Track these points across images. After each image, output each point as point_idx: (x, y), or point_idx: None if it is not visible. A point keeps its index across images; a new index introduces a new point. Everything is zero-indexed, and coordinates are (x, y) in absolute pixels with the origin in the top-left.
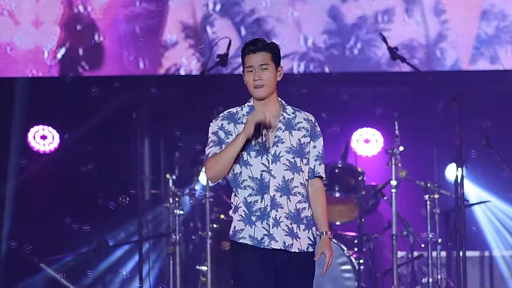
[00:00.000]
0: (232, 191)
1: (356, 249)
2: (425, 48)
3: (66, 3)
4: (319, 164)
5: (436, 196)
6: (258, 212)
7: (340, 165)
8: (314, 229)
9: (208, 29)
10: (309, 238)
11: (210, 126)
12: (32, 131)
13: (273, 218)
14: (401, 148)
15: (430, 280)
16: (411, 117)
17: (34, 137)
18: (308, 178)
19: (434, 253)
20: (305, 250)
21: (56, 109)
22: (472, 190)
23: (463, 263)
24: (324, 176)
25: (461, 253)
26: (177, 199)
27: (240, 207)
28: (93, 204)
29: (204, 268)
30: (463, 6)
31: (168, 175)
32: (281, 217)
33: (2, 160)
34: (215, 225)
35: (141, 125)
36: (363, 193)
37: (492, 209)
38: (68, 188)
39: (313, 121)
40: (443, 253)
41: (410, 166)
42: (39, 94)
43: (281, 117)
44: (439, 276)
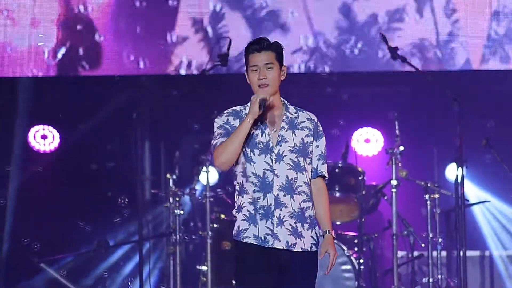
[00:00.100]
0: (235, 191)
1: (356, 249)
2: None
3: (66, 3)
4: (322, 164)
5: (437, 196)
6: (262, 210)
7: (341, 165)
8: (317, 229)
9: (209, 29)
10: (313, 238)
11: (215, 122)
12: (33, 131)
13: (277, 217)
14: (402, 148)
15: (431, 280)
16: (412, 117)
17: (35, 137)
18: (311, 178)
19: (435, 253)
20: (309, 250)
21: (56, 109)
22: (472, 190)
23: (464, 263)
24: (327, 176)
25: (462, 253)
26: (178, 199)
27: (244, 207)
28: (93, 204)
29: (205, 268)
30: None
31: (169, 175)
32: (285, 216)
33: (3, 160)
34: (216, 225)
35: (142, 125)
36: (364, 193)
37: (491, 209)
38: (68, 188)
39: (316, 121)
40: (444, 253)
41: (411, 166)
42: (40, 94)
43: (284, 117)
44: (440, 276)
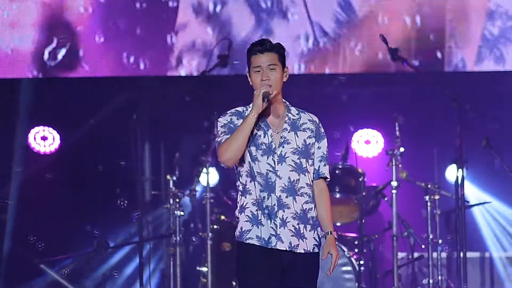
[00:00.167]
0: (238, 191)
1: (357, 250)
2: (431, 48)
3: (65, 4)
4: (324, 165)
5: (437, 197)
6: (267, 210)
7: (341, 166)
8: (319, 230)
9: (209, 30)
10: (315, 239)
11: (219, 121)
12: (33, 132)
13: (280, 218)
14: (402, 149)
15: (431, 281)
16: (412, 118)
17: (35, 138)
18: (313, 179)
19: (435, 254)
20: (311, 251)
21: (57, 110)
22: (472, 191)
23: (464, 264)
24: (329, 177)
25: (462, 254)
26: (178, 200)
27: (247, 207)
28: (93, 205)
29: (205, 269)
30: (469, 6)
31: (169, 176)
32: (288, 217)
33: (4, 161)
34: (216, 226)
35: (141, 126)
36: (364, 194)
37: (491, 211)
38: (68, 189)
39: (317, 122)
40: (444, 254)
41: (411, 167)
42: (39, 95)
43: (286, 118)
44: (440, 277)
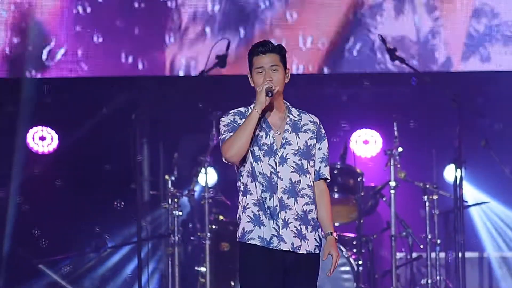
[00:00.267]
0: (239, 192)
1: (355, 250)
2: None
3: (65, 4)
4: (325, 166)
5: (435, 197)
6: (269, 211)
7: (339, 166)
8: (320, 231)
9: (208, 30)
10: (316, 240)
11: (221, 121)
12: (31, 132)
13: (282, 219)
14: (400, 149)
15: (429, 281)
16: (410, 118)
17: (33, 138)
18: (314, 180)
19: (433, 254)
20: (313, 252)
21: (55, 111)
22: (470, 192)
23: (462, 264)
24: (329, 178)
25: (460, 254)
26: (176, 200)
27: (249, 208)
28: (92, 205)
29: (203, 269)
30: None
31: (167, 176)
32: (290, 219)
33: (3, 162)
34: (214, 226)
35: (140, 126)
36: (362, 194)
37: (488, 211)
38: (67, 190)
39: (318, 123)
40: (442, 254)
41: (409, 167)
42: (38, 95)
43: (288, 119)
44: (438, 277)
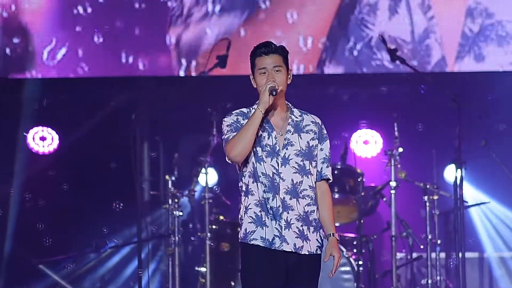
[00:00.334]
0: (241, 192)
1: (355, 251)
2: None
3: (65, 5)
4: (326, 167)
5: (435, 197)
6: (271, 211)
7: (339, 166)
8: (321, 231)
9: (208, 30)
10: (318, 240)
11: (224, 121)
12: (32, 133)
13: (285, 220)
14: (400, 149)
15: (429, 282)
16: (411, 118)
17: (34, 139)
18: (316, 181)
19: (433, 255)
20: (314, 252)
21: (56, 111)
22: (470, 192)
23: (462, 265)
24: (331, 179)
25: (460, 255)
26: (176, 200)
27: (250, 208)
28: (92, 205)
29: (203, 269)
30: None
31: (168, 176)
32: (292, 219)
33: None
34: (214, 226)
35: (140, 126)
36: (362, 194)
37: (487, 211)
38: (68, 190)
39: (320, 124)
40: (442, 255)
41: (409, 167)
42: (38, 96)
43: (290, 120)
44: (438, 278)
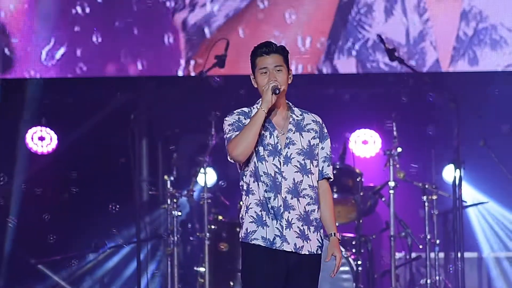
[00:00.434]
0: (242, 191)
1: (354, 250)
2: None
3: (63, 4)
4: (328, 166)
5: (434, 197)
6: (272, 211)
7: (338, 166)
8: (322, 231)
9: (206, 30)
10: (318, 240)
11: (226, 120)
12: (30, 133)
13: (286, 220)
14: (399, 149)
15: (428, 282)
16: (409, 118)
17: (32, 139)
18: (318, 180)
19: (432, 254)
20: (315, 252)
21: (54, 111)
22: (468, 192)
23: (461, 265)
24: (332, 178)
25: (459, 255)
26: (175, 201)
27: (251, 208)
28: (92, 205)
29: (202, 269)
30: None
31: (166, 177)
32: (293, 219)
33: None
34: (213, 226)
35: (139, 126)
36: (361, 194)
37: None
38: (66, 190)
39: (321, 123)
40: (441, 255)
41: (408, 167)
42: (37, 95)
43: (291, 119)
44: (437, 278)
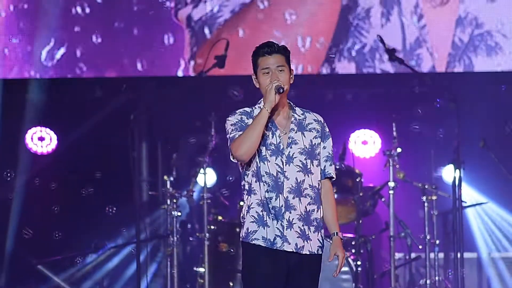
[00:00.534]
0: (244, 191)
1: (354, 251)
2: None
3: (63, 5)
4: (330, 165)
5: (434, 198)
6: (273, 211)
7: (338, 167)
8: (322, 232)
9: (207, 30)
10: (319, 240)
11: (228, 120)
12: (30, 133)
13: (287, 220)
14: (399, 150)
15: (428, 282)
16: (409, 119)
17: (32, 139)
18: (320, 179)
19: (432, 255)
20: (315, 252)
21: (54, 111)
22: (468, 192)
23: (461, 265)
24: (334, 177)
25: (459, 255)
26: (175, 201)
27: (253, 208)
28: (92, 205)
29: (202, 270)
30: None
31: (166, 177)
32: (294, 219)
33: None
34: (213, 227)
35: (139, 127)
36: (361, 195)
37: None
38: (66, 190)
39: (322, 122)
40: (441, 255)
41: (408, 168)
42: (37, 95)
43: (292, 118)
44: (437, 278)
